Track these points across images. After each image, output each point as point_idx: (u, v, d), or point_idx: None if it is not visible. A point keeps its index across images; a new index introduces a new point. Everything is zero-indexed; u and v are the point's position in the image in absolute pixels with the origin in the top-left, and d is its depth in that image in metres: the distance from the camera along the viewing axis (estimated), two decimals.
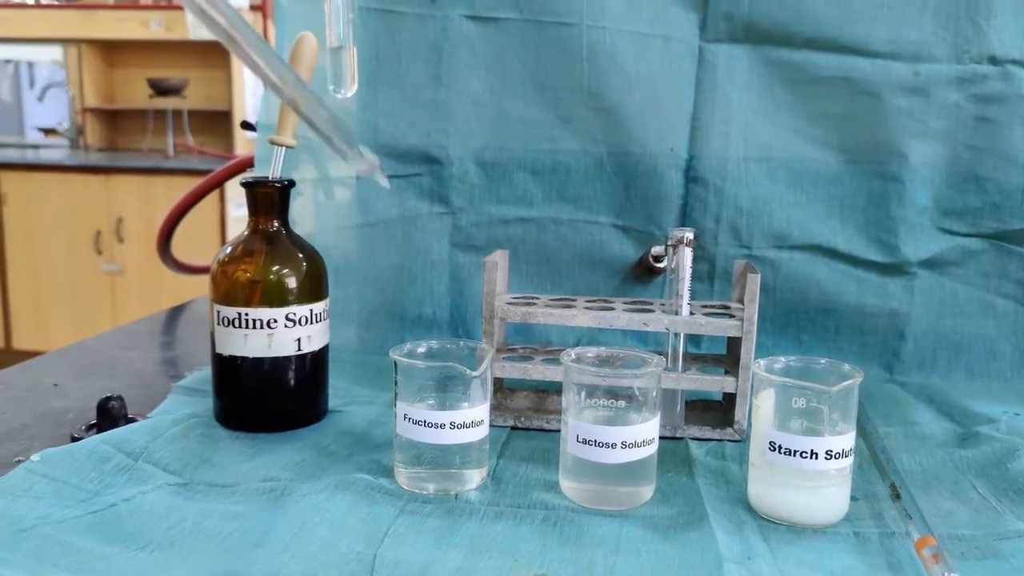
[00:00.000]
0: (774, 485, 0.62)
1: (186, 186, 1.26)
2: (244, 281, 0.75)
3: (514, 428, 0.79)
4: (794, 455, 0.61)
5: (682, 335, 0.79)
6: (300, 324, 0.76)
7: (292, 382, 0.77)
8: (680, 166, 0.96)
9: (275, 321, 0.75)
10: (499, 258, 0.80)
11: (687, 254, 0.78)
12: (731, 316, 0.77)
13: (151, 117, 4.33)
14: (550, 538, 0.59)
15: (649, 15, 0.94)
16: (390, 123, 0.99)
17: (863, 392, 0.79)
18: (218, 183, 1.24)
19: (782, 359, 0.65)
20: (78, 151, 4.34)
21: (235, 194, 3.49)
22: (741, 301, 0.77)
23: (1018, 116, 0.91)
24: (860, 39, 0.91)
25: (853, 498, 0.64)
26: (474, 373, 0.65)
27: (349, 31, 0.71)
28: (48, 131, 4.64)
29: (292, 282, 0.76)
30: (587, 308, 0.79)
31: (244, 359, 0.75)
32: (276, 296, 0.75)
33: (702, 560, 0.56)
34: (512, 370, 0.78)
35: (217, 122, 4.30)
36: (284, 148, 0.78)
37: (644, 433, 0.64)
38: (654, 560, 0.56)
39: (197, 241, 2.16)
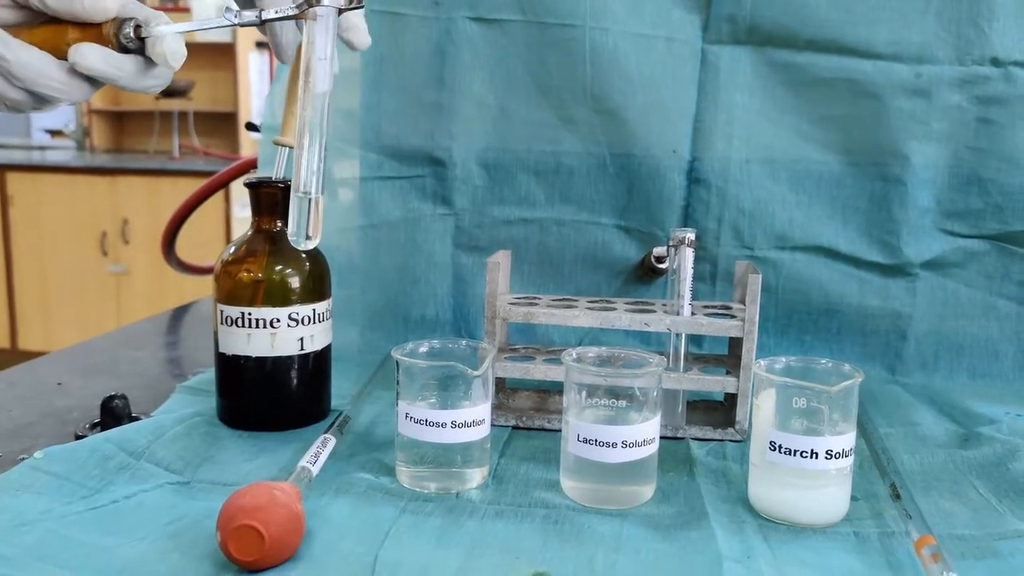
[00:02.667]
0: (774, 485, 0.62)
1: (191, 187, 1.26)
2: (247, 281, 0.76)
3: (516, 428, 0.79)
4: (794, 455, 0.61)
5: (684, 335, 0.79)
6: (303, 324, 0.76)
7: (295, 381, 0.77)
8: (682, 167, 0.97)
9: (278, 321, 0.75)
10: (501, 259, 0.80)
11: (689, 255, 0.78)
12: (732, 316, 0.77)
13: (157, 119, 4.34)
14: (551, 537, 0.59)
15: (652, 17, 0.94)
16: (393, 125, 0.99)
17: (865, 393, 0.80)
18: (222, 184, 1.25)
19: (783, 359, 0.65)
20: (84, 152, 4.36)
21: (239, 195, 3.50)
22: (743, 302, 0.78)
23: (1020, 118, 0.91)
24: (862, 41, 0.92)
25: (853, 498, 0.64)
26: (475, 372, 0.65)
27: (315, 180, 0.64)
28: (54, 133, 4.66)
29: (295, 282, 0.76)
30: (589, 308, 0.79)
31: (247, 358, 0.75)
32: (279, 296, 0.76)
33: (702, 559, 0.57)
34: (514, 370, 0.79)
35: (222, 123, 4.31)
36: (288, 149, 0.78)
37: (645, 433, 0.64)
38: (654, 559, 0.57)
39: (202, 242, 2.17)
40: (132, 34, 0.62)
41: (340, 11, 0.64)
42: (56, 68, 0.61)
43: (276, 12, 0.64)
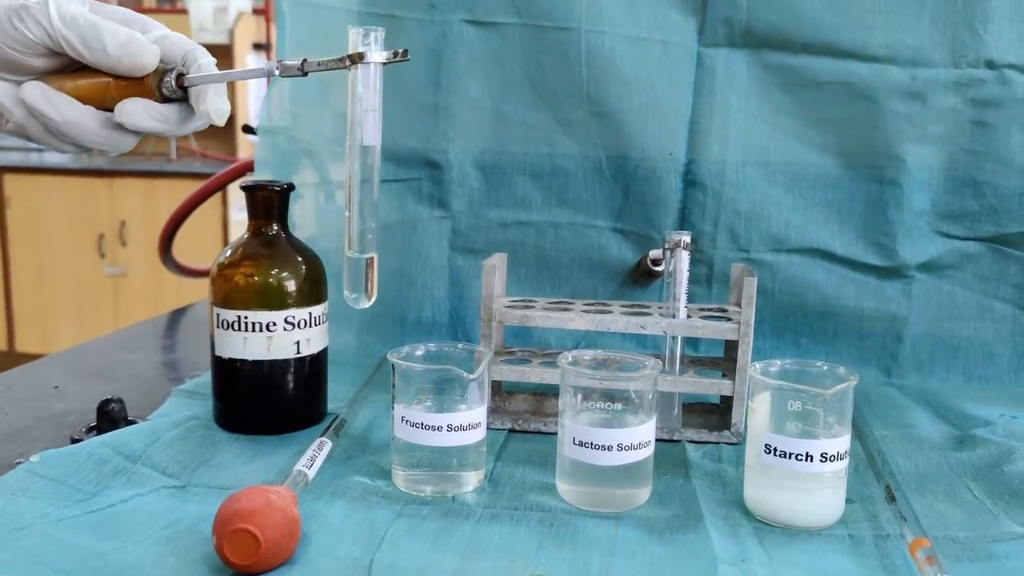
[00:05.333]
0: (770, 487, 0.62)
1: (189, 189, 1.26)
2: (243, 284, 0.76)
3: (512, 431, 0.79)
4: (789, 457, 0.61)
5: (679, 338, 0.79)
6: (299, 327, 0.76)
7: (291, 385, 0.77)
8: (678, 170, 0.97)
9: (274, 324, 0.75)
10: (498, 261, 0.81)
11: (685, 257, 0.78)
12: (728, 319, 0.78)
13: None
14: (546, 540, 0.59)
15: (648, 20, 0.94)
16: (390, 127, 0.97)
17: (860, 395, 0.80)
18: (219, 187, 1.25)
19: (778, 362, 0.66)
20: (81, 154, 4.35)
21: (237, 197, 3.50)
22: (738, 304, 0.78)
23: (1015, 120, 0.91)
24: (858, 44, 0.92)
25: (848, 500, 0.64)
26: (471, 376, 0.65)
27: (369, 239, 0.65)
28: None
29: (291, 285, 0.77)
30: (585, 311, 0.79)
31: (243, 362, 0.76)
32: (275, 299, 0.76)
33: (697, 562, 0.57)
34: (510, 373, 0.79)
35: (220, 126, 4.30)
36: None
37: (640, 436, 0.64)
38: (649, 562, 0.57)
39: (199, 244, 2.17)
40: (174, 84, 0.62)
41: (384, 63, 0.64)
42: (100, 124, 0.63)
43: (319, 64, 0.64)
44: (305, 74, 0.64)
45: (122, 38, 0.61)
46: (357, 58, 0.63)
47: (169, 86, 0.63)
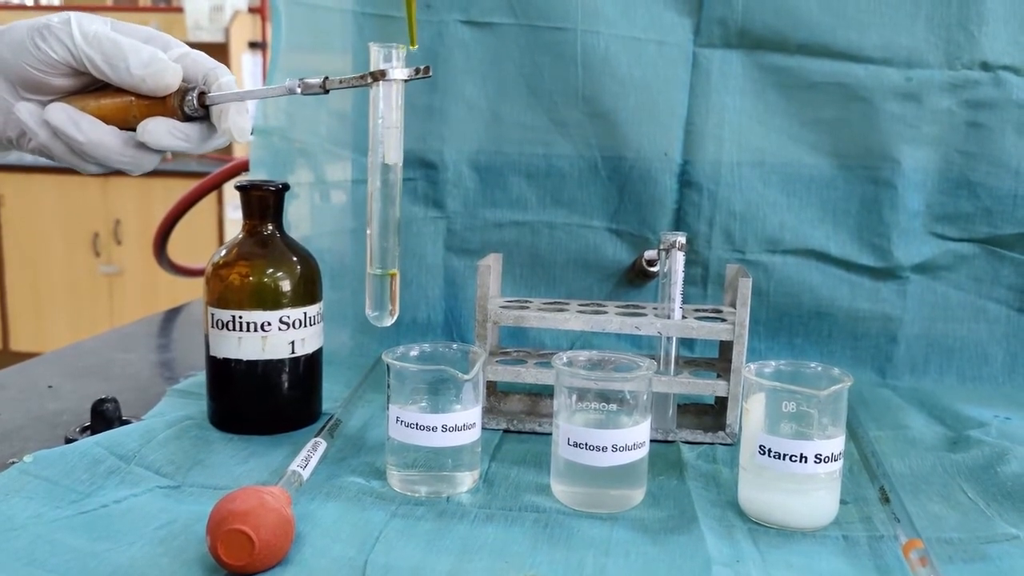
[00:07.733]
0: (764, 488, 0.63)
1: (184, 188, 1.26)
2: (238, 284, 0.76)
3: (506, 431, 0.79)
4: (784, 459, 0.61)
5: (674, 339, 0.79)
6: (294, 327, 0.76)
7: (286, 385, 0.77)
8: (674, 170, 0.97)
9: (269, 324, 0.75)
10: (493, 262, 0.81)
11: (680, 258, 0.78)
12: (723, 320, 0.78)
13: None
14: (540, 540, 0.59)
15: (643, 20, 0.94)
16: None
17: (855, 396, 0.80)
18: (214, 186, 1.25)
19: (773, 363, 0.66)
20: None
21: (232, 196, 3.49)
22: (733, 305, 0.78)
23: (1010, 122, 0.92)
24: (853, 45, 0.92)
25: (843, 501, 0.64)
26: (466, 376, 0.65)
27: (391, 256, 0.65)
28: None
29: (286, 285, 0.76)
30: (580, 312, 0.79)
31: (238, 362, 0.75)
32: (270, 299, 0.76)
33: (691, 563, 0.57)
34: (505, 373, 0.79)
35: None
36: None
37: (635, 436, 0.64)
38: (643, 562, 0.57)
39: (195, 243, 2.16)
40: (196, 103, 0.63)
41: (407, 81, 0.64)
42: (124, 145, 0.63)
43: (341, 82, 0.63)
44: (326, 92, 0.64)
45: (145, 57, 0.61)
46: (379, 75, 0.63)
47: (191, 105, 0.63)
